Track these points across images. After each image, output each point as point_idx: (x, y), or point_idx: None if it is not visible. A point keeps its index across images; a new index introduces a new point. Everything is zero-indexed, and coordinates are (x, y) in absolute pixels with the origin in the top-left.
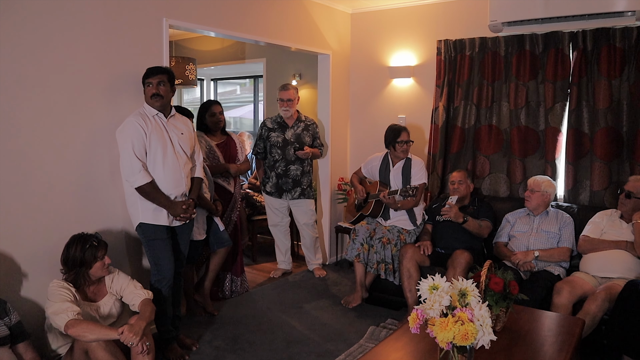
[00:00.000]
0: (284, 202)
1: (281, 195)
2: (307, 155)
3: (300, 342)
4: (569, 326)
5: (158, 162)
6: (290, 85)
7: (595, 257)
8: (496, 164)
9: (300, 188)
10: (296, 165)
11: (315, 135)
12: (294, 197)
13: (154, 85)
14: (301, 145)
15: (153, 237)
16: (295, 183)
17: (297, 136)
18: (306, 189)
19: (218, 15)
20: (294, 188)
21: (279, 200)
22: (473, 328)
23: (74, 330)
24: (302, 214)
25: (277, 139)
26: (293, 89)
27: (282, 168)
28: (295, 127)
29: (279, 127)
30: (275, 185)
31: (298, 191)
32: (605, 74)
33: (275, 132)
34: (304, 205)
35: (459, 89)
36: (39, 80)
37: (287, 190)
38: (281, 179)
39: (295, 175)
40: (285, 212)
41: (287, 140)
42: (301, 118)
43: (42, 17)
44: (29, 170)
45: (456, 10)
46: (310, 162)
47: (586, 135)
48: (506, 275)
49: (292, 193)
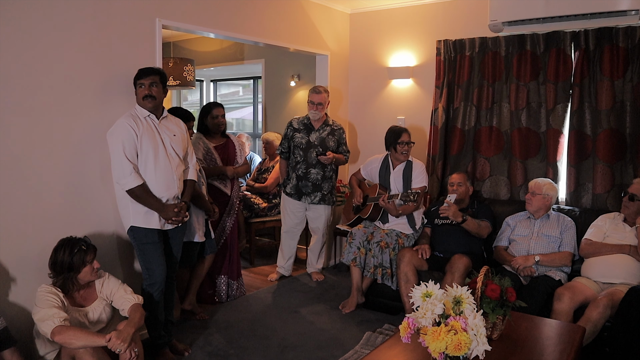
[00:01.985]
0: (303, 205)
1: (300, 198)
2: (329, 161)
3: (295, 348)
4: (569, 334)
5: (149, 164)
6: (322, 88)
7: (598, 261)
8: (497, 166)
9: (320, 193)
10: (317, 169)
11: (341, 141)
12: (313, 201)
13: (146, 86)
14: (324, 150)
15: (144, 241)
16: (315, 187)
17: (322, 140)
18: (327, 194)
19: (214, 15)
20: (314, 192)
21: (297, 203)
22: (466, 338)
23: (60, 337)
24: (318, 219)
25: (301, 140)
26: (325, 92)
27: (303, 170)
28: (321, 130)
29: (305, 128)
30: (295, 187)
31: (318, 196)
32: (607, 75)
33: (300, 133)
34: (322, 211)
35: (458, 90)
36: (27, 81)
37: (307, 193)
38: (301, 182)
39: (316, 179)
40: (301, 216)
41: (310, 142)
42: (328, 122)
43: (31, 16)
44: (18, 172)
45: (456, 10)
46: (334, 168)
47: (588, 137)
48: (503, 282)
49: (312, 197)
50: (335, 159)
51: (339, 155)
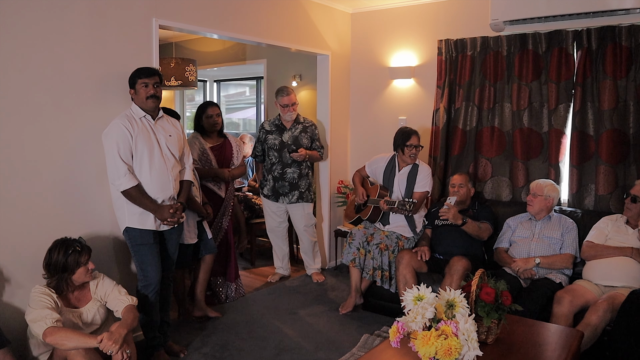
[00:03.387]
0: (281, 206)
1: (278, 199)
2: (302, 157)
3: (292, 350)
4: (566, 339)
5: (144, 165)
6: (289, 89)
7: (599, 264)
8: (498, 167)
9: (298, 191)
10: (293, 168)
11: (314, 137)
12: (291, 200)
13: (151, 86)
14: (298, 148)
15: (139, 242)
16: (292, 186)
17: (295, 138)
18: (304, 192)
19: (213, 15)
20: (291, 191)
21: (275, 204)
22: (457, 343)
23: (52, 338)
24: (300, 218)
25: (274, 141)
26: (293, 92)
27: (279, 171)
28: (293, 129)
29: (277, 129)
30: (272, 189)
31: (296, 195)
32: (610, 74)
33: (272, 135)
34: (302, 209)
35: (460, 90)
36: (23, 81)
37: (284, 193)
38: (278, 182)
39: (292, 178)
40: (283, 216)
41: (284, 142)
42: (299, 120)
43: (26, 17)
44: (12, 172)
45: (457, 9)
46: (310, 165)
47: (591, 137)
48: (498, 285)
49: (290, 197)
50: (309, 156)
51: (313, 151)
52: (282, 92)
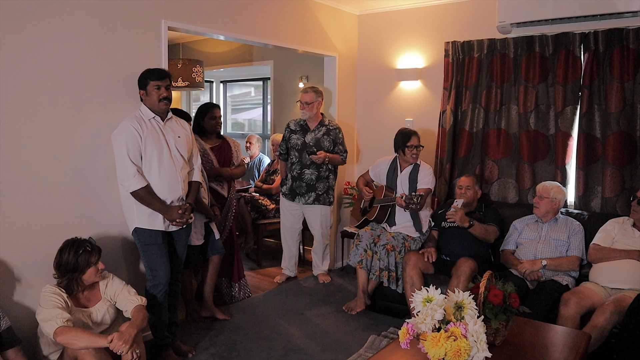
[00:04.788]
0: (297, 206)
1: (294, 199)
2: (320, 160)
3: (299, 351)
4: (574, 341)
5: (153, 166)
6: (310, 88)
7: (606, 266)
8: (505, 169)
9: (315, 193)
10: (311, 170)
11: (337, 141)
12: (307, 202)
13: (164, 88)
14: (318, 150)
15: (148, 243)
16: (309, 187)
17: (317, 140)
18: (322, 194)
19: (221, 17)
20: (308, 192)
21: (292, 203)
22: (466, 344)
23: (62, 337)
24: (315, 220)
25: (296, 141)
26: (313, 91)
27: (297, 171)
28: (316, 130)
29: (301, 129)
30: (290, 188)
31: (312, 196)
32: (617, 77)
33: (296, 135)
34: (318, 211)
35: (467, 92)
36: (34, 82)
37: (301, 194)
38: (296, 182)
39: (310, 179)
40: (298, 216)
41: (306, 143)
42: (324, 122)
43: (37, 18)
44: (24, 173)
45: (464, 11)
46: (331, 168)
47: (598, 139)
48: (506, 287)
49: (306, 197)
50: (330, 159)
51: (334, 155)
52: (303, 89)
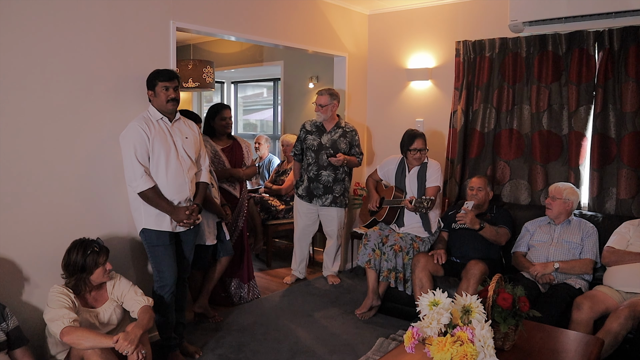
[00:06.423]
0: (313, 208)
1: (312, 200)
2: (340, 163)
3: (306, 353)
4: (586, 346)
5: (161, 167)
6: (325, 90)
7: (620, 270)
8: (517, 170)
9: (332, 195)
10: (328, 171)
11: (354, 143)
12: (324, 203)
13: (172, 89)
14: (335, 152)
15: (155, 243)
16: (326, 189)
17: (333, 142)
18: (339, 197)
19: (230, 17)
20: (325, 194)
21: (308, 205)
22: (473, 349)
23: (69, 337)
24: (331, 221)
25: (312, 142)
26: (328, 94)
27: (314, 172)
28: (332, 132)
29: (317, 130)
30: (306, 189)
31: (329, 198)
32: (633, 76)
33: (312, 135)
34: (335, 213)
35: (478, 92)
36: (42, 83)
37: (318, 195)
38: (312, 183)
39: (327, 181)
40: (313, 218)
41: (322, 144)
42: (340, 124)
43: (45, 19)
44: (32, 173)
45: (475, 10)
46: (347, 170)
47: (612, 140)
48: (516, 290)
49: (323, 199)
50: (347, 161)
51: (351, 157)
52: (319, 92)
